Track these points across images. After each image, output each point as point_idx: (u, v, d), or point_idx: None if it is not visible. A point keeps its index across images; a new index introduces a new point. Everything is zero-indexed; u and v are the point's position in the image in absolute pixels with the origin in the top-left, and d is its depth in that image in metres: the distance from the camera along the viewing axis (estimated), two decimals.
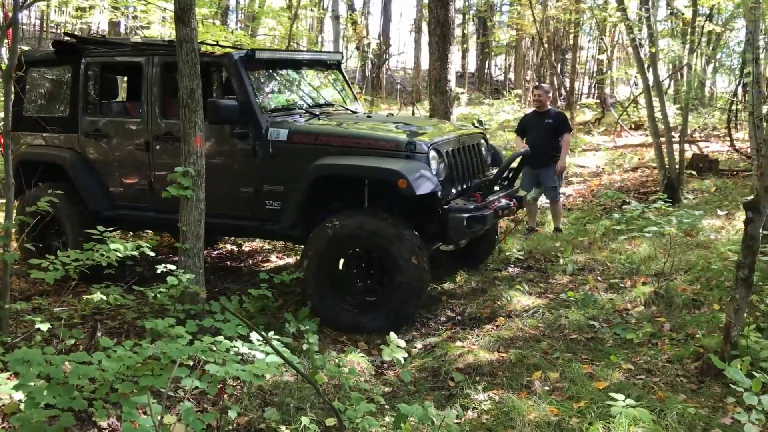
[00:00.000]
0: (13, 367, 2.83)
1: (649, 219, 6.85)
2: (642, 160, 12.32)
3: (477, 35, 31.39)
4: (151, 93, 5.87)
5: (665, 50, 13.60)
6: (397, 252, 4.84)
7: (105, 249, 4.26)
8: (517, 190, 6.32)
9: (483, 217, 5.16)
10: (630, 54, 18.02)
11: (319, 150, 5.17)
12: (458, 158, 5.52)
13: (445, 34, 10.39)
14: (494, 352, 4.61)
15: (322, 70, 6.69)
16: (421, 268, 4.88)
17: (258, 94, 5.62)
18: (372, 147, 5.12)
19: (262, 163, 5.41)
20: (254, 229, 5.85)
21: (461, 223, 5.06)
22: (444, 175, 5.20)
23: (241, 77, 5.47)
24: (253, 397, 3.85)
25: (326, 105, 6.26)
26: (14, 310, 4.22)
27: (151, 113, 5.87)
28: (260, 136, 5.37)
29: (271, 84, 6.07)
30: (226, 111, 5.22)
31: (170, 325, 3.39)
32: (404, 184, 4.72)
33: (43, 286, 5.92)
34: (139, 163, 5.96)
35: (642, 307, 5.38)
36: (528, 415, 3.67)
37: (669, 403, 3.74)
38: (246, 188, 5.51)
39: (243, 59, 5.54)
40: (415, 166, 4.90)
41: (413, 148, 5.04)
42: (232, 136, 5.43)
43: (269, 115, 5.50)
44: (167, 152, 5.79)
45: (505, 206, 5.63)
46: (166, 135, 5.79)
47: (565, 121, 7.78)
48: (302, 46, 21.65)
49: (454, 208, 5.15)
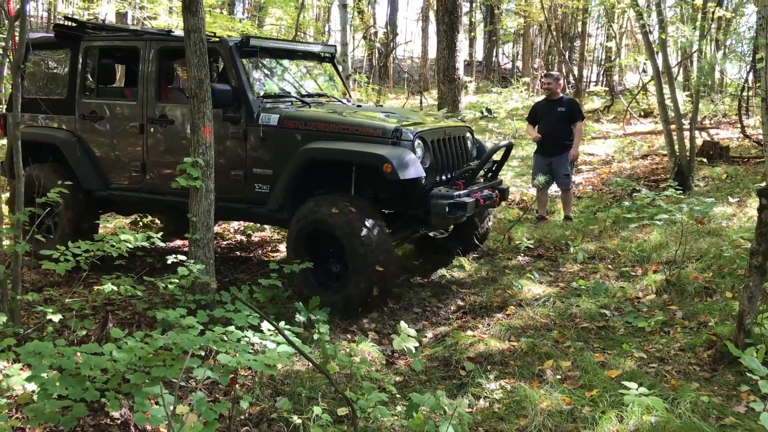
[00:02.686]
0: (25, 359, 2.83)
1: (660, 207, 6.82)
2: (652, 148, 12.24)
3: (484, 23, 31.25)
4: (147, 77, 6.02)
5: (675, 36, 13.48)
6: (351, 239, 4.96)
7: (115, 240, 4.26)
8: (500, 182, 6.39)
9: (464, 204, 5.31)
10: (639, 41, 17.90)
11: (309, 135, 5.32)
12: (443, 148, 5.67)
13: (453, 22, 10.36)
14: (505, 341, 4.60)
15: (317, 61, 6.84)
16: (376, 256, 4.96)
17: (251, 80, 5.76)
18: (360, 133, 5.28)
19: (252, 146, 5.57)
20: (242, 212, 5.96)
21: (443, 209, 5.23)
22: (428, 163, 5.38)
23: (235, 63, 5.63)
24: (264, 387, 3.85)
25: (318, 95, 6.41)
26: (26, 301, 4.23)
27: (146, 97, 6.03)
28: (252, 121, 5.54)
29: (264, 71, 6.22)
30: (220, 95, 5.30)
31: (181, 315, 3.39)
32: (389, 169, 4.89)
33: (54, 277, 5.95)
34: (134, 145, 6.13)
35: (653, 295, 5.35)
36: (540, 404, 3.66)
37: (682, 391, 3.72)
38: (236, 171, 5.66)
39: (237, 46, 5.69)
40: (401, 153, 5.05)
41: (399, 136, 5.19)
42: (224, 119, 5.55)
43: (261, 101, 5.65)
44: (161, 135, 5.98)
45: (488, 196, 5.77)
46: (161, 118, 5.96)
47: (577, 109, 7.73)
48: (309, 35, 21.59)
49: (436, 194, 5.31)
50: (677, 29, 13.31)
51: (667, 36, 10.23)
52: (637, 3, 10.32)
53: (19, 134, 4.27)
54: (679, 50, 15.73)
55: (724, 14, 12.97)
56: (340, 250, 5.12)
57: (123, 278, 4.48)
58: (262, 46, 5.99)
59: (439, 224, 5.72)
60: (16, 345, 3.34)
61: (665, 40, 9.84)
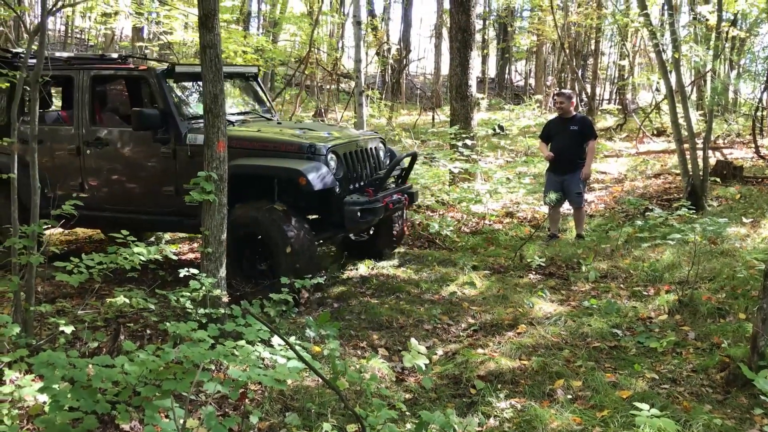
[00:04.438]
0: (38, 369, 2.85)
1: (673, 226, 6.79)
2: (665, 167, 12.20)
3: (497, 40, 31.37)
4: (81, 103, 6.44)
5: (688, 55, 13.48)
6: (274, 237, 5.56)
7: (128, 252, 4.29)
8: (410, 186, 6.97)
9: (374, 209, 5.96)
10: (652, 59, 17.90)
11: (232, 152, 5.62)
12: (355, 159, 6.26)
13: (466, 40, 10.40)
14: (516, 360, 4.57)
15: (242, 81, 7.43)
16: (297, 252, 5.53)
17: (178, 104, 6.27)
18: (278, 149, 5.86)
19: (182, 164, 6.04)
20: (175, 224, 6.44)
21: (356, 214, 5.85)
22: (341, 174, 5.97)
23: (163, 89, 6.14)
24: (274, 402, 3.85)
25: (243, 113, 7.02)
26: (39, 312, 4.26)
27: (81, 121, 6.46)
28: (180, 141, 6.04)
29: (192, 94, 6.77)
30: (149, 119, 5.91)
31: (192, 328, 3.40)
32: (304, 181, 5.50)
33: (66, 288, 5.99)
34: (72, 166, 6.52)
35: (666, 315, 5.32)
36: (550, 424, 3.63)
37: (694, 413, 3.69)
38: (168, 187, 6.14)
39: (164, 73, 6.22)
40: (315, 166, 5.64)
41: (314, 150, 5.77)
42: (154, 141, 6.08)
43: (188, 122, 6.15)
44: (97, 156, 6.44)
45: (397, 200, 6.41)
46: (96, 141, 6.41)
47: (590, 127, 7.72)
48: (323, 51, 21.75)
49: (349, 201, 5.92)
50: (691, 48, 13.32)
51: (680, 55, 10.23)
52: (650, 22, 10.33)
53: (36, 147, 4.33)
54: (693, 69, 15.73)
55: (738, 34, 12.97)
56: (267, 249, 5.68)
57: (135, 291, 4.51)
58: (188, 72, 6.60)
59: (354, 228, 6.19)
60: (28, 356, 3.37)
61: (678, 59, 9.85)
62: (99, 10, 14.64)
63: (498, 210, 9.31)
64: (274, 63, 18.81)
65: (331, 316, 5.23)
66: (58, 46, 23.28)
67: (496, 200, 9.49)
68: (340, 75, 22.40)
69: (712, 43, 11.57)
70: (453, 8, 10.68)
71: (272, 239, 5.59)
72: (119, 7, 13.45)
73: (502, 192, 9.34)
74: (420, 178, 9.32)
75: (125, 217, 6.37)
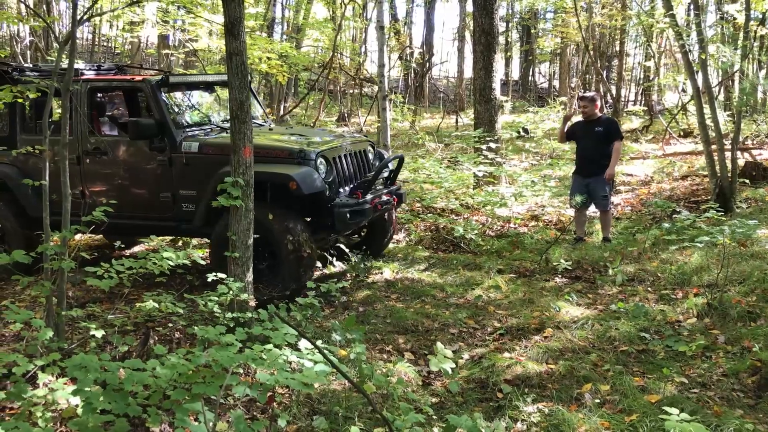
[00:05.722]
0: (71, 372, 2.90)
1: (701, 229, 6.70)
2: (692, 169, 12.05)
3: (521, 43, 31.23)
4: (79, 113, 6.55)
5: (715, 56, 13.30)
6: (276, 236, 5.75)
7: (158, 257, 4.35)
8: (399, 187, 7.17)
9: (363, 211, 6.17)
10: (678, 60, 17.70)
11: (226, 159, 5.85)
12: (344, 163, 6.49)
13: (490, 42, 10.38)
14: (543, 364, 4.55)
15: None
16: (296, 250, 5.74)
17: (173, 114, 6.49)
18: (269, 155, 6.01)
19: (178, 171, 6.29)
20: (172, 229, 6.62)
21: (345, 216, 6.05)
22: (331, 178, 6.17)
23: (158, 99, 6.34)
24: (301, 405, 3.88)
25: None
26: (70, 316, 4.33)
27: (80, 131, 6.59)
28: (175, 149, 6.25)
29: (186, 103, 7.04)
30: (145, 128, 6.14)
31: (221, 332, 3.44)
32: (294, 186, 5.71)
33: (96, 293, 6.08)
34: (72, 175, 6.60)
35: (695, 318, 5.25)
36: (578, 428, 3.61)
37: (725, 418, 3.64)
38: (165, 193, 6.38)
39: (158, 83, 6.40)
40: (304, 171, 5.87)
41: (303, 156, 5.99)
42: (151, 149, 6.29)
43: (183, 131, 6.36)
44: (96, 165, 6.61)
45: (386, 201, 6.62)
46: (95, 150, 6.58)
47: (615, 129, 7.65)
48: (346, 56, 21.83)
49: (338, 203, 6.12)
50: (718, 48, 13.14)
51: (707, 55, 10.11)
52: (676, 22, 10.22)
53: (66, 154, 4.41)
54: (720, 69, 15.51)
55: (766, 33, 12.76)
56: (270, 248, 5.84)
57: (164, 295, 4.57)
58: (182, 82, 6.87)
59: (344, 229, 6.35)
60: (60, 359, 3.43)
61: (705, 59, 9.73)
62: (126, 19, 14.85)
63: (523, 213, 9.27)
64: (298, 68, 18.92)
65: (357, 319, 5.26)
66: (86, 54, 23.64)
67: (521, 203, 9.45)
68: (363, 79, 22.47)
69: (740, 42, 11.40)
70: (476, 11, 10.67)
71: (275, 239, 5.77)
72: (146, 16, 13.63)
73: (527, 195, 9.29)
74: (444, 181, 9.31)
75: (124, 223, 6.46)
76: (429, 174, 9.78)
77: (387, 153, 7.20)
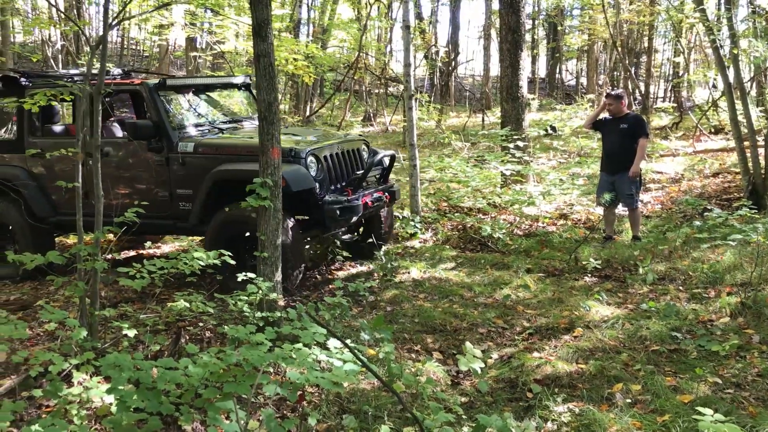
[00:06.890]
0: (105, 371, 2.94)
1: (733, 226, 6.60)
2: (723, 165, 11.87)
3: (547, 40, 31.01)
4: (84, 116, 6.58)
5: (747, 51, 13.08)
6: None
7: (188, 257, 4.40)
8: (391, 185, 7.26)
9: (353, 207, 6.26)
10: (709, 55, 17.44)
11: (218, 158, 6.23)
12: (336, 161, 6.58)
13: (517, 40, 10.32)
14: (573, 364, 4.52)
15: (234, 91, 7.95)
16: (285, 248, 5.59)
17: (170, 115, 6.61)
18: None
19: (174, 171, 6.45)
20: (170, 227, 6.76)
21: (335, 212, 6.13)
22: (321, 176, 6.27)
23: (155, 101, 6.49)
24: (331, 404, 3.89)
25: (235, 120, 7.34)
26: (103, 316, 4.40)
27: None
28: (172, 149, 6.41)
29: (183, 105, 7.15)
30: (143, 129, 6.31)
31: (251, 332, 3.47)
32: (284, 183, 5.56)
33: (128, 293, 6.17)
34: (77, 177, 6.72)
35: (728, 318, 5.17)
36: (610, 428, 3.58)
37: (761, 418, 3.59)
38: (162, 192, 6.54)
39: (156, 86, 6.55)
40: (294, 169, 5.94)
41: (294, 154, 6.06)
42: (149, 149, 6.43)
43: (180, 132, 6.51)
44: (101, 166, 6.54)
45: (377, 198, 6.72)
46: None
47: (641, 125, 7.55)
48: (371, 56, 21.85)
49: (328, 201, 6.22)
50: (750, 43, 12.92)
51: (739, 50, 9.95)
52: (707, 17, 10.06)
53: (99, 156, 4.47)
54: (752, 65, 15.26)
55: None
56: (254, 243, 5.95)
57: (195, 295, 4.62)
58: (178, 85, 7.04)
59: (334, 226, 6.44)
60: (94, 359, 3.49)
61: (737, 54, 9.58)
62: (155, 22, 15.04)
63: (551, 212, 9.20)
64: (324, 69, 18.99)
65: (385, 319, 5.27)
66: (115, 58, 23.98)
67: (549, 202, 9.38)
68: (389, 79, 22.48)
69: None
70: (502, 9, 10.62)
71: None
72: (174, 19, 13.79)
73: (555, 194, 9.21)
74: (471, 180, 9.28)
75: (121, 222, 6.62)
76: (456, 173, 9.76)
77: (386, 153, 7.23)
